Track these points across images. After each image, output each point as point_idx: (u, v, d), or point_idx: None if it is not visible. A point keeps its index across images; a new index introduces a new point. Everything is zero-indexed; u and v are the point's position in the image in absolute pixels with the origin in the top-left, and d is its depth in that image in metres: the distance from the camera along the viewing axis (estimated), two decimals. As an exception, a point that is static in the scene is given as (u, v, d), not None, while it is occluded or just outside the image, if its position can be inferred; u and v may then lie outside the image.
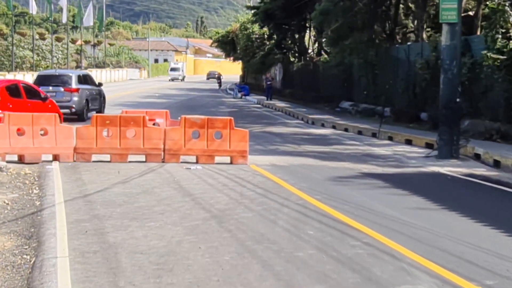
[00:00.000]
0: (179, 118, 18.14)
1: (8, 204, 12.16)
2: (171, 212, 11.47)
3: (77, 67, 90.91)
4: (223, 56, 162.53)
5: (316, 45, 58.11)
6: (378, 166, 18.54)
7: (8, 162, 16.32)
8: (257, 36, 67.85)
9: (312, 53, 58.23)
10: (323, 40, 48.13)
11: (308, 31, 58.88)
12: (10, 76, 59.40)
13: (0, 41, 77.75)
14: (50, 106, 23.99)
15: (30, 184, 14.26)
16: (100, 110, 32.63)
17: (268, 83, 51.31)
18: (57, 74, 31.90)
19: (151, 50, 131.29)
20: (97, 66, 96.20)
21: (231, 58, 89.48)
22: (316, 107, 42.14)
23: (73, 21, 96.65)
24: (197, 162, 17.47)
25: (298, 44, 59.77)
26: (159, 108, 40.54)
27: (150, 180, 14.80)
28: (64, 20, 79.25)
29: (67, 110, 28.29)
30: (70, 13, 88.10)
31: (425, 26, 34.12)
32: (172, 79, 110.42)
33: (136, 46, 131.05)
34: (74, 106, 29.59)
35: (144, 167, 16.59)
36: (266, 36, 65.43)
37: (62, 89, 29.76)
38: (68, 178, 14.89)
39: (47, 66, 79.09)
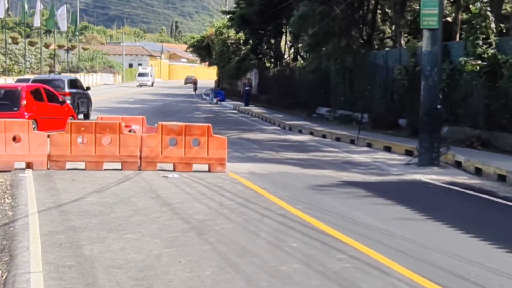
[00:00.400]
0: (156, 124, 17.73)
1: (-23, 214, 11.70)
2: (149, 223, 11.08)
3: (51, 71, 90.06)
4: (198, 61, 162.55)
5: (292, 50, 57.91)
6: (359, 174, 18.25)
7: (-21, 170, 15.85)
8: (232, 41, 67.51)
9: (288, 58, 57.99)
10: (300, 45, 47.88)
11: (284, 37, 58.63)
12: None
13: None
14: (66, 109, 25.46)
15: (2, 193, 13.79)
16: (88, 113, 34.25)
17: (246, 88, 50.86)
18: (50, 78, 33.91)
19: (125, 55, 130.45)
20: (71, 71, 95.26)
21: (207, 63, 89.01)
22: (293, 113, 41.87)
23: (46, 25, 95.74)
24: (174, 170, 17.08)
25: (274, 49, 59.52)
26: (134, 113, 40.05)
27: (127, 189, 14.39)
28: (37, 24, 78.31)
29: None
30: (43, 17, 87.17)
31: (403, 32, 33.95)
32: (141, 85, 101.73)
33: (110, 51, 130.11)
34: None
35: (120, 175, 16.17)
36: (241, 41, 65.06)
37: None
38: (41, 186, 14.44)
39: (20, 71, 78.19)
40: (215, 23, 79.85)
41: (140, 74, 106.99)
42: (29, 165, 16.51)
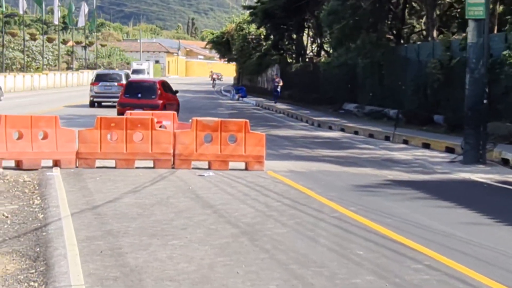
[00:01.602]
0: (190, 120, 16.74)
1: (7, 217, 10.75)
2: (194, 227, 10.09)
3: (68, 68, 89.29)
4: (215, 58, 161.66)
5: (315, 45, 56.82)
6: (403, 172, 17.21)
7: (4, 168, 14.91)
8: (253, 36, 66.43)
9: (311, 53, 56.88)
10: (327, 40, 46.74)
11: (306, 32, 57.52)
12: (0, 77, 57.87)
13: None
14: (176, 97, 32.22)
15: (30, 193, 12.85)
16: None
17: (276, 84, 49.38)
18: (111, 73, 45.32)
19: (142, 51, 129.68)
20: (88, 67, 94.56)
21: (225, 59, 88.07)
22: (319, 109, 40.76)
23: (64, 22, 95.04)
24: (209, 168, 16.09)
25: (296, 44, 58.41)
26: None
27: (163, 189, 13.40)
28: (55, 21, 77.57)
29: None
30: (61, 14, 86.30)
31: (435, 25, 32.83)
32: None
33: (127, 48, 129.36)
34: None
35: (153, 174, 15.20)
36: (262, 36, 64.01)
37: (116, 83, 40.85)
38: (72, 186, 13.48)
39: (38, 68, 77.49)
40: (234, 19, 78.79)
41: (135, 71, 78.59)
42: (56, 163, 15.55)
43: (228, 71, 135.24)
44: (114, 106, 35.38)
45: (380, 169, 17.51)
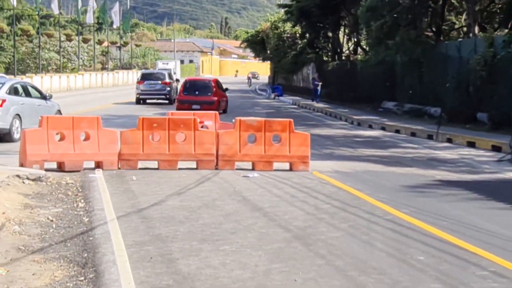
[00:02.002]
0: (233, 120, 16.43)
1: (52, 220, 10.51)
2: (244, 231, 9.76)
3: (103, 68, 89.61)
4: (249, 57, 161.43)
5: (352, 43, 56.26)
6: (450, 172, 16.73)
7: (46, 170, 14.69)
8: (288, 35, 66.00)
9: (347, 51, 56.32)
10: (364, 38, 46.15)
11: (342, 29, 56.96)
12: (37, 78, 58.11)
13: (25, 43, 76.58)
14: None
15: (73, 196, 12.62)
16: (174, 99, 42.62)
17: (316, 83, 48.48)
18: (155, 72, 49.06)
19: (176, 51, 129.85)
20: (123, 67, 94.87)
21: (260, 58, 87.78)
22: (357, 108, 40.26)
23: (98, 23, 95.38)
24: (253, 169, 15.77)
25: (332, 42, 57.90)
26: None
27: (208, 191, 13.09)
28: (90, 21, 77.84)
29: (163, 96, 44.56)
30: (95, 15, 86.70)
31: (477, 22, 32.19)
32: None
33: (161, 48, 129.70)
34: (167, 94, 44.56)
35: (197, 175, 14.90)
36: (298, 35, 63.56)
37: (160, 82, 44.46)
38: (115, 188, 13.22)
39: (74, 68, 77.86)
40: (269, 17, 78.39)
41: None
42: (98, 165, 15.33)
43: (262, 70, 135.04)
44: (158, 104, 43.64)
45: (426, 169, 17.06)
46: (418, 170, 16.91)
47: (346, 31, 56.75)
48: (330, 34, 57.69)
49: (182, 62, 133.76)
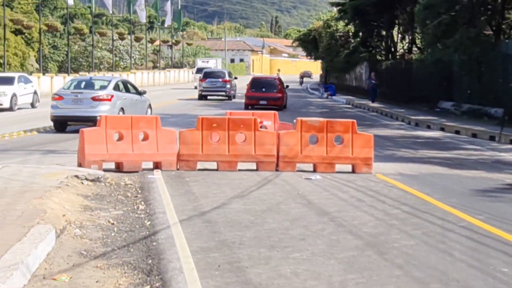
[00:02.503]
0: (294, 120, 15.98)
1: (113, 224, 10.20)
2: (313, 238, 9.32)
3: (154, 67, 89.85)
4: (299, 56, 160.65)
5: (406, 42, 55.34)
6: (519, 175, 16.07)
7: (104, 170, 14.42)
8: (341, 34, 65.23)
9: (402, 50, 55.40)
10: (420, 36, 45.23)
11: (396, 28, 56.02)
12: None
13: (78, 42, 77.10)
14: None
15: (133, 197, 12.31)
16: (234, 96, 49.36)
17: (373, 82, 47.24)
18: (216, 71, 52.38)
19: (227, 50, 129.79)
20: (174, 66, 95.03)
21: (311, 57, 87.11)
22: (413, 108, 39.45)
23: (150, 22, 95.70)
24: (314, 171, 15.33)
25: (386, 41, 57.03)
26: (236, 107, 38.68)
27: (271, 194, 12.67)
28: (142, 20, 78.08)
29: (223, 93, 48.08)
30: (147, 14, 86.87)
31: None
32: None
33: (212, 46, 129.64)
34: (227, 91, 48.07)
35: (257, 177, 14.50)
36: (351, 34, 62.77)
37: (220, 80, 48.10)
38: (175, 190, 12.88)
39: (126, 67, 78.17)
40: (322, 16, 77.67)
41: (200, 71, 62.21)
42: (157, 165, 15.02)
43: (312, 69, 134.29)
44: (219, 99, 47.71)
45: (493, 172, 16.45)
46: (485, 173, 16.30)
47: (400, 29, 55.84)
48: (383, 32, 56.84)
49: (232, 61, 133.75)
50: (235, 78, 53.78)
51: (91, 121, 21.05)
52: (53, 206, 10.43)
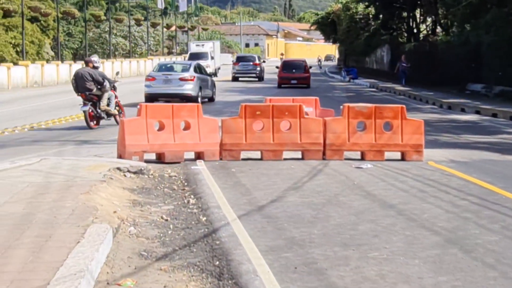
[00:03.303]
0: (341, 107, 15.30)
1: (167, 220, 9.58)
2: (386, 234, 8.66)
3: (169, 53, 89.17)
4: (313, 39, 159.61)
5: (429, 23, 54.42)
6: None
7: (145, 161, 13.80)
8: (361, 16, 64.33)
9: (425, 32, 54.47)
10: (449, 17, 44.28)
11: (418, 10, 55.09)
12: (108, 63, 57.78)
13: (92, 28, 76.48)
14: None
15: (180, 190, 11.69)
16: (263, 77, 54.95)
17: (404, 65, 46.04)
18: (248, 55, 60.64)
19: (242, 34, 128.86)
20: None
21: (330, 40, 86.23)
22: (441, 90, 38.57)
23: (164, 8, 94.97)
24: (362, 159, 14.67)
25: (407, 23, 56.15)
26: (269, 93, 38.03)
27: (325, 185, 12.02)
28: (160, 6, 77.34)
29: (254, 75, 53.75)
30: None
31: None
32: None
33: (226, 31, 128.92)
34: (257, 73, 53.88)
35: (305, 166, 13.85)
36: (371, 16, 61.87)
37: (251, 63, 54.28)
38: (224, 182, 12.24)
39: (141, 53, 77.54)
40: (340, -2, 76.68)
41: (193, 56, 57.19)
42: (199, 155, 14.38)
43: (328, 52, 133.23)
44: (251, 81, 52.69)
45: (547, 157, 15.73)
46: (538, 158, 15.58)
47: (422, 11, 54.91)
48: (404, 14, 55.95)
49: (247, 45, 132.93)
50: (264, 61, 59.63)
51: (179, 97, 27.45)
52: (102, 202, 9.83)
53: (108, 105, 20.24)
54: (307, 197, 10.93)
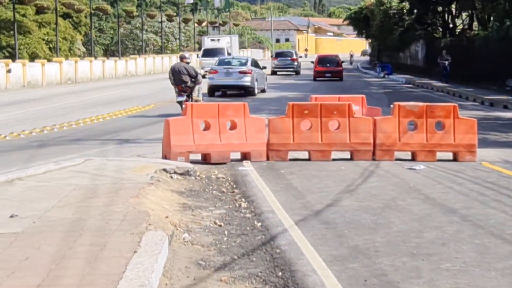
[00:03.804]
0: (391, 106, 14.84)
1: (221, 225, 9.20)
2: (455, 242, 8.21)
3: (200, 48, 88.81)
4: (344, 34, 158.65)
5: (465, 18, 53.55)
6: None
7: (190, 162, 13.43)
8: (395, 11, 63.44)
9: (461, 26, 53.59)
10: (481, 12, 43.43)
11: (454, 4, 54.19)
12: (141, 59, 57.66)
13: (123, 24, 76.38)
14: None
15: (229, 193, 11.31)
16: (300, 71, 58.21)
17: (445, 62, 44.70)
18: (285, 51, 64.56)
19: (273, 30, 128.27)
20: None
21: (363, 35, 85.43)
22: (479, 86, 37.86)
23: (195, 3, 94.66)
24: (413, 159, 14.19)
25: (442, 18, 55.30)
26: (302, 89, 37.57)
27: (380, 187, 11.57)
28: (190, 1, 77.07)
29: (291, 69, 57.35)
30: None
31: None
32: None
33: (257, 27, 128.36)
34: (295, 67, 57.47)
35: (356, 167, 13.42)
36: (405, 11, 61.00)
37: (289, 58, 58.04)
38: (274, 185, 11.83)
39: (172, 49, 77.33)
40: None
41: (207, 52, 52.74)
42: (245, 156, 14.00)
43: (358, 48, 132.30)
44: (287, 74, 56.52)
45: None
46: None
47: (457, 5, 54.01)
48: (439, 8, 55.08)
49: (277, 41, 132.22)
50: (300, 56, 66.17)
51: (238, 88, 32.31)
52: (152, 206, 9.47)
53: (197, 95, 22.61)
54: (363, 201, 10.50)
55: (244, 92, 32.16)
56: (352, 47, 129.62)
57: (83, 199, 9.66)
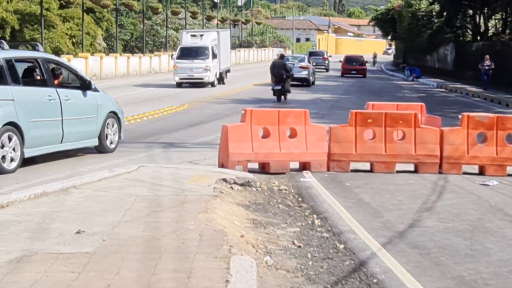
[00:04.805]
0: (460, 116, 14.02)
1: (300, 246, 8.43)
2: None
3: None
4: (364, 35, 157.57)
5: (497, 21, 52.55)
6: None
7: (248, 171, 12.68)
8: (423, 13, 62.52)
9: (494, 30, 52.59)
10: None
11: (486, 7, 53.19)
12: (165, 56, 56.92)
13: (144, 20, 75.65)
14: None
15: (297, 207, 10.56)
16: (329, 69, 66.08)
17: (487, 68, 42.93)
18: (318, 51, 75.68)
19: (294, 29, 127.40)
20: (241, 45, 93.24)
21: (389, 37, 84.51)
22: (516, 92, 36.96)
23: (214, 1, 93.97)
24: (481, 174, 13.39)
25: (473, 21, 54.31)
26: (334, 91, 36.84)
27: (459, 205, 10.77)
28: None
29: (323, 67, 63.97)
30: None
31: None
32: (180, 83, 38.80)
33: (278, 26, 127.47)
34: (326, 65, 65.05)
35: (424, 181, 12.64)
36: (434, 13, 60.08)
37: (321, 57, 65.87)
38: (344, 199, 11.05)
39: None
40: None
41: (185, 52, 39.46)
42: (304, 166, 13.23)
43: (378, 49, 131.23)
44: (319, 71, 58.19)
45: None
46: None
47: (488, 9, 53.01)
48: (470, 11, 54.13)
49: (298, 40, 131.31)
50: (330, 56, 73.32)
51: (299, 80, 39.63)
52: (223, 223, 8.72)
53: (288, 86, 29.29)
54: (447, 222, 9.70)
55: (302, 83, 40.51)
56: (373, 48, 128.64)
57: (149, 213, 8.93)
